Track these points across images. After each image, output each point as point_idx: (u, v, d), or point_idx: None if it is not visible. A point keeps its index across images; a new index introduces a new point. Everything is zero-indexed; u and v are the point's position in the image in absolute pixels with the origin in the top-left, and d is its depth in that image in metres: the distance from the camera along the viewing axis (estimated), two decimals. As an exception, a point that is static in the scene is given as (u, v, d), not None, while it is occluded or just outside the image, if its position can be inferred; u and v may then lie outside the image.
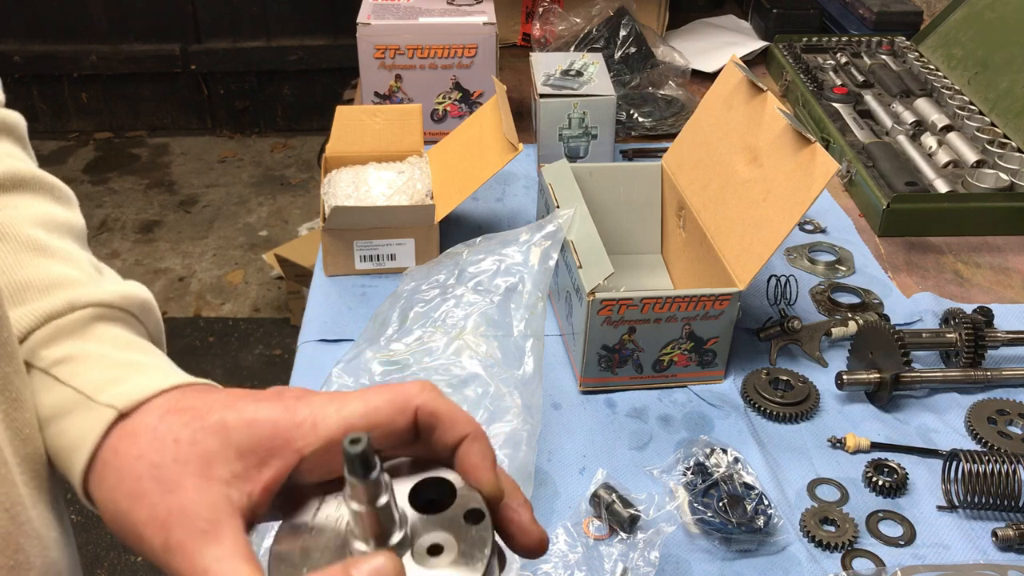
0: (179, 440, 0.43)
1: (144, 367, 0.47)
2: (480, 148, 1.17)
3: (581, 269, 0.92)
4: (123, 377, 0.46)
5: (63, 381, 0.46)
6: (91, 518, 2.14)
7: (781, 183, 0.92)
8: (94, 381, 0.46)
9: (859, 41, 1.68)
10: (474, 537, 0.41)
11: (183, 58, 3.61)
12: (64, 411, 0.46)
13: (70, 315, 0.48)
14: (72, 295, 0.48)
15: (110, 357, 0.47)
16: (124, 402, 0.44)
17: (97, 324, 0.49)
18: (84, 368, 0.46)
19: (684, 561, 0.79)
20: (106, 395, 0.45)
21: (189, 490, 0.41)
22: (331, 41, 3.60)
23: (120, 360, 0.47)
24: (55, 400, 0.46)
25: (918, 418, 0.94)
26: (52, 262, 0.50)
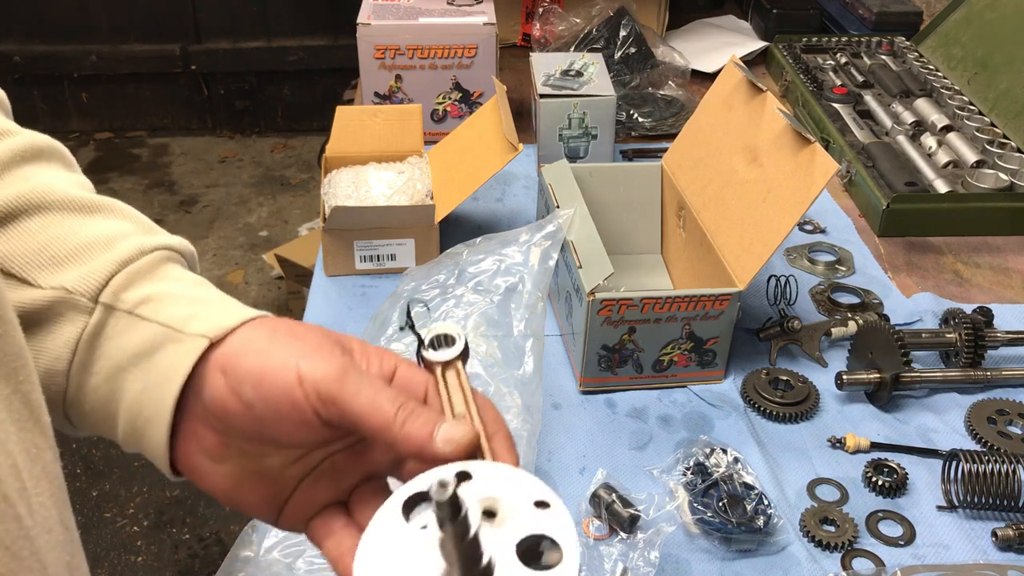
0: (299, 335, 0.48)
1: (223, 302, 0.50)
2: (480, 148, 1.17)
3: (581, 269, 0.92)
4: (204, 311, 0.48)
5: (148, 319, 0.48)
6: (91, 519, 2.14)
7: (781, 183, 0.92)
8: (180, 315, 0.48)
9: (859, 41, 1.68)
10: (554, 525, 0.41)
11: (183, 58, 3.61)
12: (153, 346, 0.47)
13: (141, 259, 0.49)
14: (139, 241, 0.50)
15: (189, 294, 0.50)
16: (215, 331, 0.47)
17: (166, 265, 0.51)
18: (166, 305, 0.48)
19: (684, 561, 0.79)
20: (193, 327, 0.47)
21: (338, 353, 0.47)
22: (331, 41, 3.60)
23: (198, 296, 0.50)
24: (142, 338, 0.48)
25: (918, 418, 0.94)
26: (107, 218, 0.51)
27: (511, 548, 0.41)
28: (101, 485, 2.22)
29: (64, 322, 0.47)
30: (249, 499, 0.50)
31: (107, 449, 2.31)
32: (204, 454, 0.49)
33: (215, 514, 2.17)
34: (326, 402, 0.46)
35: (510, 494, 0.42)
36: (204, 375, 0.47)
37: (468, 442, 0.45)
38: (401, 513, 0.43)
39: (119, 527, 2.13)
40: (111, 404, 0.48)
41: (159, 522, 2.14)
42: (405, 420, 0.45)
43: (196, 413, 0.48)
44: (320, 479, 0.51)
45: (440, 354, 0.50)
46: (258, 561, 0.76)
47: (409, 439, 0.45)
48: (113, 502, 2.18)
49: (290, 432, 0.47)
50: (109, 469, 2.26)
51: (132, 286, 0.49)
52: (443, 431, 0.45)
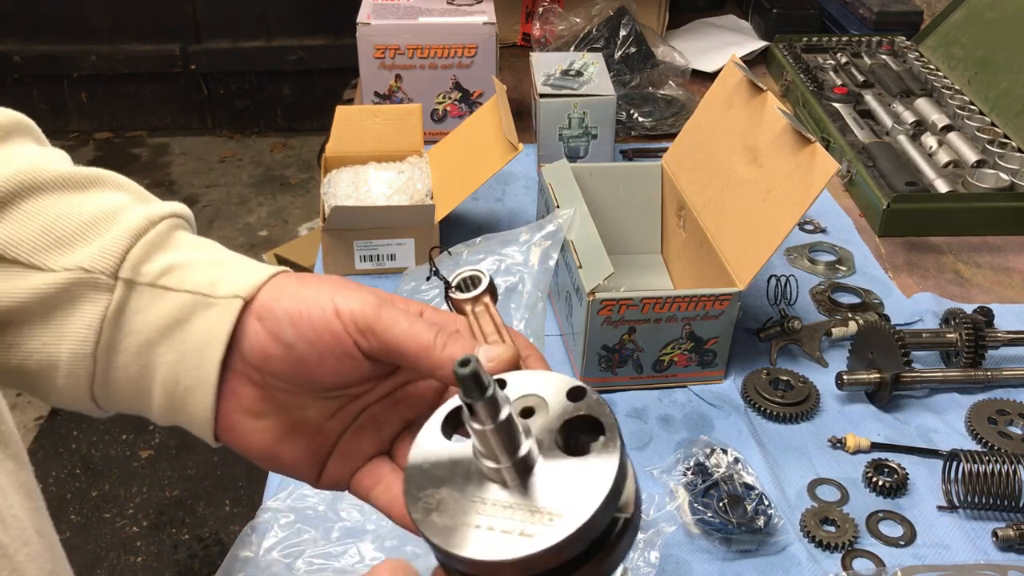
0: (326, 279, 0.49)
1: (242, 262, 0.50)
2: (480, 148, 1.17)
3: (581, 269, 0.92)
4: (229, 273, 0.48)
5: (175, 288, 0.47)
6: (91, 519, 2.14)
7: (781, 183, 0.92)
8: (205, 280, 0.48)
9: (859, 41, 1.68)
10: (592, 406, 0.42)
11: (183, 58, 3.61)
12: (184, 315, 0.47)
13: (153, 230, 0.48)
14: (145, 212, 0.49)
15: (207, 259, 0.49)
16: (246, 290, 0.47)
17: (177, 233, 0.50)
18: (189, 272, 0.48)
19: (684, 561, 0.78)
20: (223, 288, 0.47)
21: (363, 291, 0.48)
22: (331, 41, 3.60)
23: (217, 260, 0.50)
24: (171, 308, 0.47)
25: (918, 418, 0.94)
26: (102, 191, 0.50)
27: (552, 437, 0.41)
28: (101, 485, 2.22)
29: (84, 303, 0.46)
30: (290, 456, 0.50)
31: (106, 449, 2.31)
32: (243, 412, 0.48)
33: (215, 514, 2.17)
34: (365, 332, 0.46)
35: (544, 390, 0.43)
36: (241, 329, 0.47)
37: (509, 359, 0.46)
38: (441, 433, 0.43)
39: (118, 527, 2.13)
40: (143, 380, 0.48)
41: (159, 522, 2.14)
42: (445, 343, 0.46)
43: (235, 370, 0.48)
44: (361, 431, 0.51)
45: (467, 293, 0.53)
46: (258, 561, 0.76)
47: (451, 361, 0.45)
48: (113, 502, 2.18)
49: (333, 369, 0.47)
50: (108, 469, 2.26)
51: (150, 258, 0.48)
52: (484, 351, 0.46)
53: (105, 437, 2.35)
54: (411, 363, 0.47)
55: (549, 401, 0.43)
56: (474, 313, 0.52)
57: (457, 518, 0.40)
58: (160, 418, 0.49)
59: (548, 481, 0.40)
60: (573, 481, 0.40)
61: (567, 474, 0.40)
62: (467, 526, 0.39)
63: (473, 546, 0.38)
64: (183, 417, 0.49)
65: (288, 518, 0.79)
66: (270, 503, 0.80)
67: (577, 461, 0.40)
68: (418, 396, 0.52)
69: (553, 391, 0.43)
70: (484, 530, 0.39)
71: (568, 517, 0.38)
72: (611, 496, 0.39)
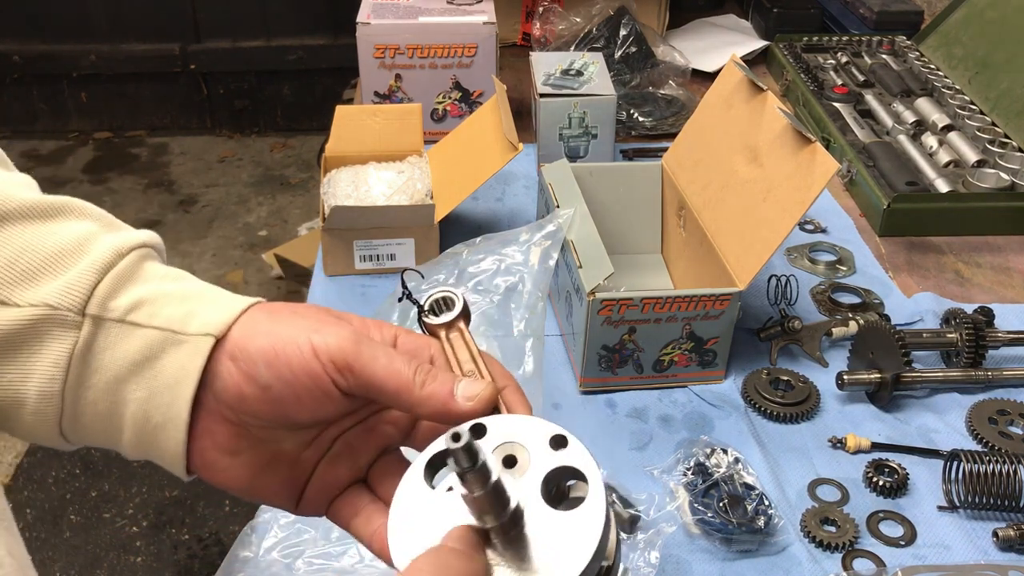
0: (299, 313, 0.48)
1: (214, 294, 0.49)
2: (480, 148, 1.17)
3: (581, 269, 0.92)
4: (200, 308, 0.47)
5: (144, 324, 0.46)
6: (91, 519, 2.14)
7: (781, 183, 0.92)
8: (176, 316, 0.47)
9: (860, 41, 1.68)
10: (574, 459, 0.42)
11: (182, 58, 3.61)
12: (154, 352, 0.46)
13: (121, 262, 0.47)
14: (112, 242, 0.48)
15: (178, 292, 0.48)
16: (217, 327, 0.46)
17: (146, 264, 0.49)
18: (159, 307, 0.47)
19: (684, 561, 0.78)
20: (194, 326, 0.46)
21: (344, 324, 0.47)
22: (331, 41, 3.60)
23: (188, 292, 0.48)
24: (139, 345, 0.46)
25: (919, 418, 0.94)
26: (68, 219, 0.48)
27: (536, 489, 0.42)
28: (100, 485, 2.22)
29: (51, 340, 0.45)
30: (268, 488, 0.50)
31: (106, 449, 2.31)
32: (219, 449, 0.48)
33: (214, 514, 2.17)
34: (343, 371, 0.46)
35: (525, 438, 0.43)
36: (214, 369, 0.46)
37: (488, 396, 0.46)
38: (424, 480, 0.44)
39: (118, 527, 2.12)
40: (113, 416, 0.47)
41: (158, 522, 2.14)
42: (424, 381, 0.46)
43: (208, 408, 0.47)
44: (337, 459, 0.51)
45: (441, 317, 0.51)
46: (257, 561, 0.76)
47: (431, 399, 0.46)
48: (112, 502, 2.18)
49: (310, 408, 0.47)
50: (108, 469, 2.26)
51: (118, 293, 0.47)
52: (462, 388, 0.46)
53: (105, 437, 2.35)
54: (390, 401, 0.47)
55: (530, 450, 0.43)
56: (448, 339, 0.51)
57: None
58: (130, 453, 0.49)
59: (536, 537, 0.41)
60: (560, 536, 0.40)
61: (554, 529, 0.41)
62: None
63: None
64: (154, 452, 0.48)
65: (288, 518, 0.79)
66: (270, 503, 0.80)
67: (563, 515, 0.41)
68: (393, 423, 0.52)
69: (534, 439, 0.43)
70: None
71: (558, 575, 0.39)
72: (598, 552, 0.40)
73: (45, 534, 2.10)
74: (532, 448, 0.43)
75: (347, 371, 0.46)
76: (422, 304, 0.52)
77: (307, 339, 0.46)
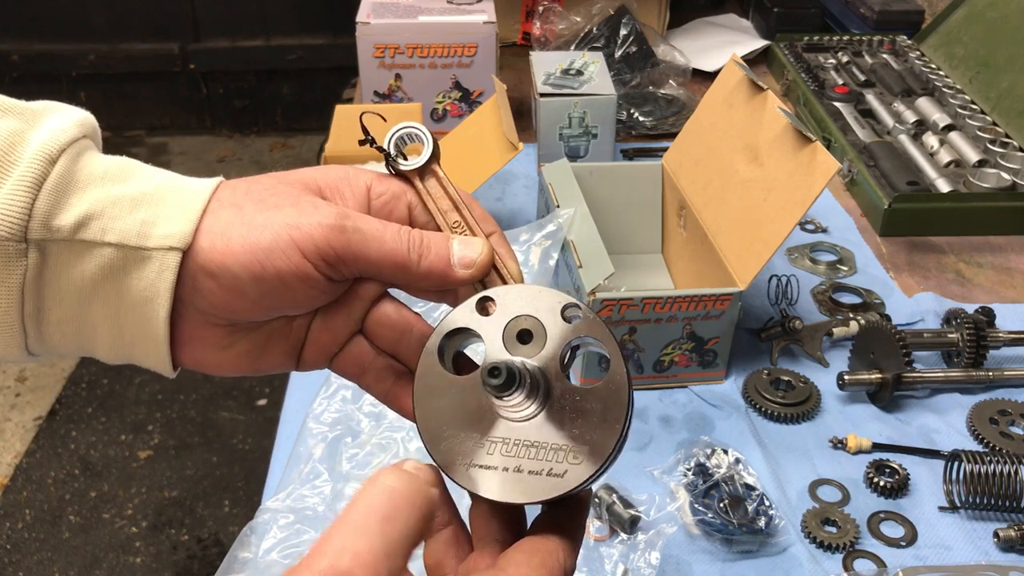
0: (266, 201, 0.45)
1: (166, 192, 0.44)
2: (480, 148, 1.16)
3: (581, 269, 0.91)
4: (155, 213, 0.43)
5: (96, 241, 0.42)
6: (90, 519, 2.14)
7: (782, 182, 0.92)
8: (132, 229, 0.42)
9: (860, 40, 1.68)
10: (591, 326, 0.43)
11: (182, 57, 3.61)
12: (113, 271, 0.43)
13: (54, 170, 0.42)
14: (42, 147, 0.42)
15: (126, 196, 0.43)
16: (180, 239, 0.43)
17: (82, 162, 0.43)
18: (110, 219, 0.42)
19: (685, 562, 0.78)
20: (155, 239, 0.43)
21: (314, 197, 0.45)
22: (331, 40, 3.60)
23: (137, 196, 0.43)
24: (97, 265, 0.42)
25: (920, 418, 0.93)
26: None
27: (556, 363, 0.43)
28: (99, 486, 2.22)
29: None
30: (266, 364, 0.49)
31: (105, 450, 2.31)
32: (208, 348, 0.46)
33: (214, 515, 2.16)
34: (336, 264, 0.44)
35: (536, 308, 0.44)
36: (190, 284, 0.43)
37: (484, 259, 0.46)
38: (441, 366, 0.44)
39: (117, 528, 2.12)
40: (83, 335, 0.45)
41: (157, 523, 2.13)
42: (420, 255, 0.45)
43: (189, 319, 0.45)
44: (331, 317, 0.49)
45: (411, 162, 0.49)
46: (256, 562, 0.75)
47: (430, 275, 0.45)
48: (112, 503, 2.18)
49: (305, 302, 0.46)
50: (107, 470, 2.26)
51: (60, 208, 0.42)
52: (459, 256, 0.45)
53: (104, 437, 2.35)
54: (388, 281, 0.46)
55: (545, 323, 0.43)
56: (424, 186, 0.49)
57: (483, 460, 0.41)
58: (108, 361, 0.47)
59: (564, 415, 0.41)
60: (589, 412, 0.41)
61: (581, 405, 0.41)
62: (495, 469, 0.41)
63: (506, 490, 0.40)
64: (134, 361, 0.46)
65: (287, 519, 0.78)
66: (269, 503, 0.80)
67: (588, 391, 0.42)
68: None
69: (547, 310, 0.43)
70: (513, 473, 0.41)
71: (592, 453, 0.40)
72: (627, 425, 0.41)
73: (44, 534, 2.10)
74: (546, 320, 0.43)
75: (340, 264, 0.44)
76: (386, 149, 0.49)
77: (289, 240, 0.43)
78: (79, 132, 0.44)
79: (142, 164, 0.46)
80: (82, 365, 2.59)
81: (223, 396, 2.49)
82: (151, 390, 2.50)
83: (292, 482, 0.82)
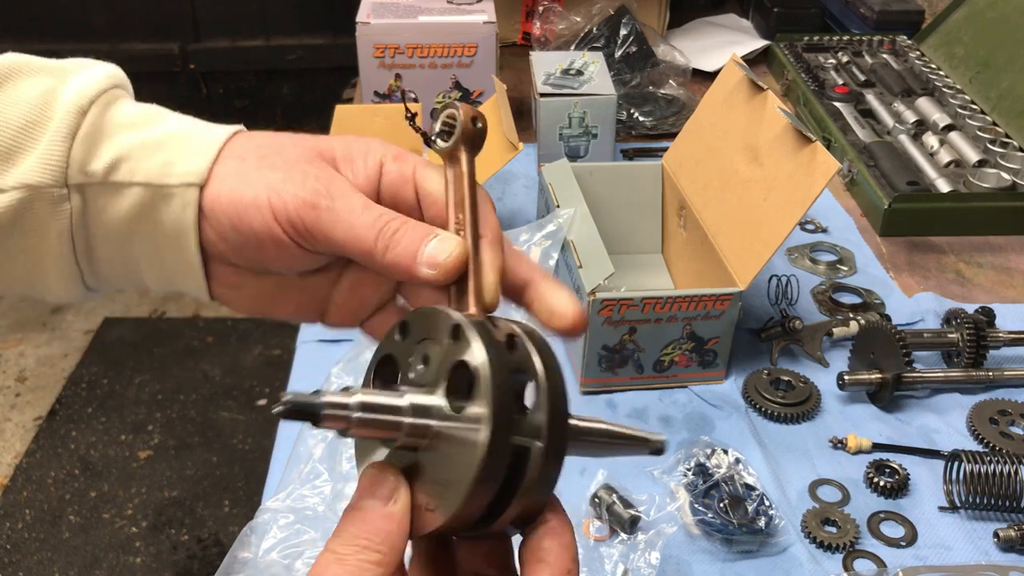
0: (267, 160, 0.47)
1: (187, 135, 0.48)
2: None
3: (581, 269, 0.91)
4: (176, 155, 0.47)
5: (126, 182, 0.46)
6: (90, 519, 2.14)
7: (782, 182, 0.92)
8: (155, 169, 0.46)
9: (860, 40, 1.68)
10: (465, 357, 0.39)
11: (182, 57, 3.61)
12: (145, 209, 0.46)
13: (85, 120, 0.46)
14: (75, 100, 0.46)
15: (151, 141, 0.47)
16: (198, 176, 0.46)
17: (111, 112, 0.48)
18: (137, 163, 0.46)
19: (685, 562, 0.78)
20: (175, 176, 0.46)
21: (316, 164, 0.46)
22: (331, 40, 3.60)
23: (160, 139, 0.47)
24: (130, 203, 0.46)
25: (920, 418, 0.93)
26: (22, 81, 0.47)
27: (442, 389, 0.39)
28: (99, 486, 2.22)
29: (46, 218, 0.46)
30: (282, 310, 0.50)
31: (105, 450, 2.31)
32: (225, 286, 0.49)
33: (214, 515, 2.16)
34: (303, 234, 0.45)
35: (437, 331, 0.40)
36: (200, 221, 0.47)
37: (451, 264, 0.43)
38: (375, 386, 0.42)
39: (117, 528, 2.12)
40: (129, 269, 0.49)
41: (157, 523, 2.13)
42: (387, 246, 0.44)
43: (205, 254, 0.48)
44: (359, 282, 0.50)
45: (441, 144, 0.46)
46: (256, 562, 0.75)
47: (395, 267, 0.44)
48: (112, 503, 2.18)
49: (287, 263, 0.47)
50: (107, 470, 2.26)
51: (93, 155, 0.46)
52: (427, 256, 0.44)
53: (104, 437, 2.35)
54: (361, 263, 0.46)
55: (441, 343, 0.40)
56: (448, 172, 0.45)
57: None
58: (159, 291, 0.50)
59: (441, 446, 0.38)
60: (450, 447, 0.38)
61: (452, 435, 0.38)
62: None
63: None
64: (178, 289, 0.50)
65: (287, 519, 0.78)
66: (269, 503, 0.80)
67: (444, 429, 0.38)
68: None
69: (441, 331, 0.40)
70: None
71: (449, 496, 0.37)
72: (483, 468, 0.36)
73: (44, 534, 2.10)
74: (440, 342, 0.40)
75: (308, 237, 0.45)
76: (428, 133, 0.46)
77: (267, 202, 0.45)
78: (108, 83, 0.48)
79: (167, 111, 0.50)
80: (82, 365, 2.59)
81: (223, 396, 2.49)
82: (151, 390, 2.50)
83: (292, 482, 0.82)
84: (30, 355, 2.64)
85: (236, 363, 2.63)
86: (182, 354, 2.61)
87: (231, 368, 2.61)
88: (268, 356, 2.67)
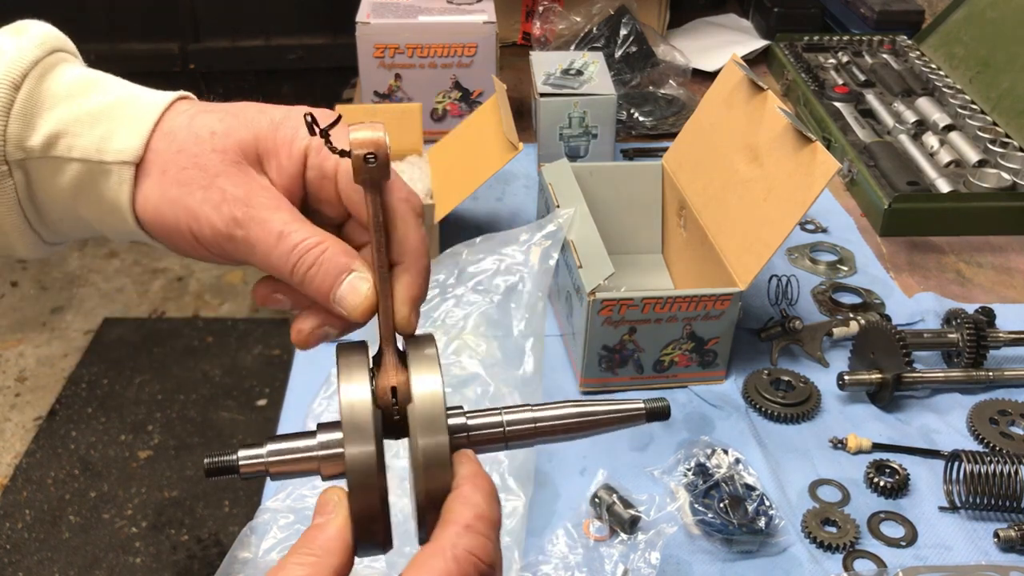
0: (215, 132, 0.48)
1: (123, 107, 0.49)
2: (480, 147, 1.16)
3: (581, 269, 0.91)
4: (112, 130, 0.48)
5: (65, 157, 0.47)
6: (90, 519, 2.14)
7: (782, 182, 0.92)
8: (92, 145, 0.47)
9: (860, 40, 1.68)
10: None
11: (182, 57, 3.61)
12: (83, 183, 0.48)
13: (19, 96, 0.47)
14: (5, 74, 0.47)
15: (86, 114, 0.48)
16: (132, 154, 0.47)
17: (48, 81, 0.48)
18: (73, 138, 0.47)
19: (685, 562, 0.78)
20: (111, 153, 0.47)
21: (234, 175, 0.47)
22: (330, 40, 3.60)
23: (96, 112, 0.48)
24: (71, 177, 0.48)
25: (920, 418, 0.93)
26: None
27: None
28: (99, 486, 2.22)
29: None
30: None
31: (105, 450, 2.31)
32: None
33: (213, 515, 2.16)
34: (225, 257, 0.48)
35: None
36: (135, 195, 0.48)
37: (361, 309, 0.46)
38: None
39: (117, 528, 2.12)
40: (81, 227, 0.51)
41: (157, 523, 2.13)
42: (301, 281, 0.46)
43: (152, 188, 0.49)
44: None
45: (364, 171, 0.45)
46: (256, 562, 0.75)
47: (313, 296, 0.47)
48: (111, 503, 2.18)
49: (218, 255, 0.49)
50: (107, 470, 2.26)
51: (30, 130, 0.47)
52: (339, 296, 0.46)
53: (104, 438, 2.35)
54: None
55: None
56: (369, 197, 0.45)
57: None
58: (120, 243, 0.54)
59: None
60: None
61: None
62: None
63: None
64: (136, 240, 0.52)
65: (287, 519, 0.78)
66: (269, 504, 0.80)
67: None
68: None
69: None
70: None
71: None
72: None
73: (44, 535, 2.10)
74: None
75: (228, 259, 0.48)
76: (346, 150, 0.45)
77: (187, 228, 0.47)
78: (40, 52, 0.48)
79: (104, 75, 0.52)
80: (82, 365, 2.59)
81: (223, 396, 2.49)
82: (151, 390, 2.50)
83: (292, 482, 0.82)
84: (30, 355, 2.64)
85: (236, 363, 2.63)
86: (182, 354, 2.61)
87: (231, 368, 2.61)
88: (268, 356, 2.67)
